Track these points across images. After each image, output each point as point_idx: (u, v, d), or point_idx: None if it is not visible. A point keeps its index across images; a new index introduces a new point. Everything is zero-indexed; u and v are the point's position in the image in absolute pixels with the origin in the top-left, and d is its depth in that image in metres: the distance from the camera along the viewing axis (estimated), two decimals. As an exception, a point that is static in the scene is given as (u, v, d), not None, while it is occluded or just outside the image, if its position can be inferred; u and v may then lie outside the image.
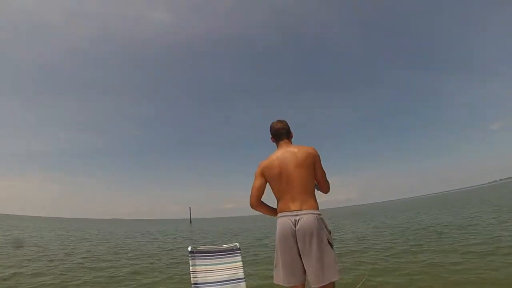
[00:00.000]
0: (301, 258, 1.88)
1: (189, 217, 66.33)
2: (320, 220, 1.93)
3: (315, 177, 2.08)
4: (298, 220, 1.89)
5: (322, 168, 2.10)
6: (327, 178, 2.14)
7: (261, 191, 2.09)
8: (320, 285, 1.85)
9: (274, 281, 1.98)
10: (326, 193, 2.18)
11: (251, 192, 2.10)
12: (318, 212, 1.96)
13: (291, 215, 1.92)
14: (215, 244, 3.07)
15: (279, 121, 2.24)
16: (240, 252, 2.90)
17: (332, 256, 1.89)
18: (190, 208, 67.41)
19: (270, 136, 2.25)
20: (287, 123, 2.23)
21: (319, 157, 2.08)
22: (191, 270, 2.61)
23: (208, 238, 16.47)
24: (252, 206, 2.11)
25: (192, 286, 2.54)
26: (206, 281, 2.60)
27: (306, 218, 1.89)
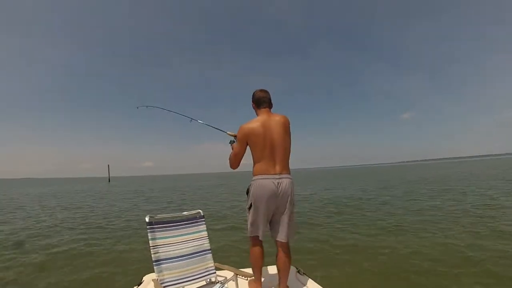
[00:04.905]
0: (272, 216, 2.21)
1: (107, 176, 62.35)
2: (293, 185, 2.23)
3: None
4: (280, 183, 2.13)
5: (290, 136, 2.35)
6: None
7: (242, 157, 2.30)
8: (287, 240, 2.17)
9: (249, 234, 2.23)
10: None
11: (234, 158, 2.31)
12: (291, 177, 2.24)
13: (273, 178, 2.13)
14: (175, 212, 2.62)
15: (262, 90, 2.38)
16: (204, 220, 2.57)
17: (295, 217, 2.26)
18: (108, 165, 63.12)
19: (251, 102, 2.40)
20: (269, 93, 2.38)
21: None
22: (150, 245, 2.15)
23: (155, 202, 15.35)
24: (233, 169, 2.38)
25: (154, 263, 2.12)
26: (169, 256, 2.19)
27: (286, 181, 2.17)
